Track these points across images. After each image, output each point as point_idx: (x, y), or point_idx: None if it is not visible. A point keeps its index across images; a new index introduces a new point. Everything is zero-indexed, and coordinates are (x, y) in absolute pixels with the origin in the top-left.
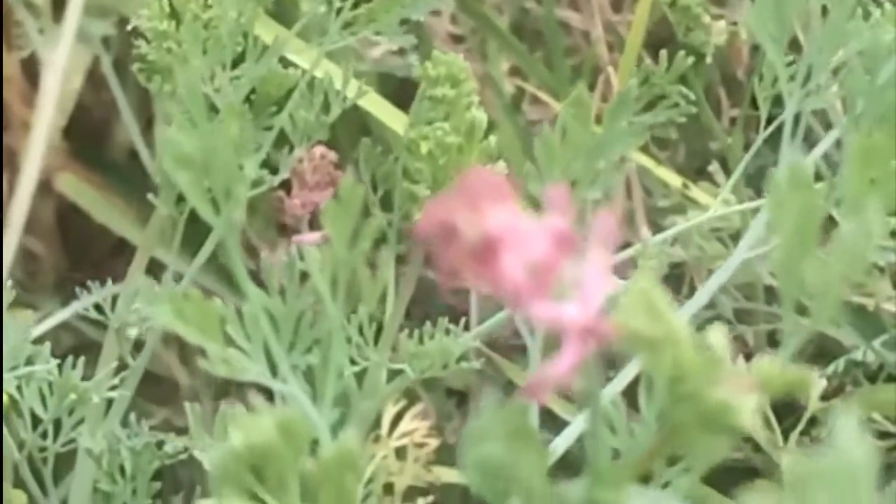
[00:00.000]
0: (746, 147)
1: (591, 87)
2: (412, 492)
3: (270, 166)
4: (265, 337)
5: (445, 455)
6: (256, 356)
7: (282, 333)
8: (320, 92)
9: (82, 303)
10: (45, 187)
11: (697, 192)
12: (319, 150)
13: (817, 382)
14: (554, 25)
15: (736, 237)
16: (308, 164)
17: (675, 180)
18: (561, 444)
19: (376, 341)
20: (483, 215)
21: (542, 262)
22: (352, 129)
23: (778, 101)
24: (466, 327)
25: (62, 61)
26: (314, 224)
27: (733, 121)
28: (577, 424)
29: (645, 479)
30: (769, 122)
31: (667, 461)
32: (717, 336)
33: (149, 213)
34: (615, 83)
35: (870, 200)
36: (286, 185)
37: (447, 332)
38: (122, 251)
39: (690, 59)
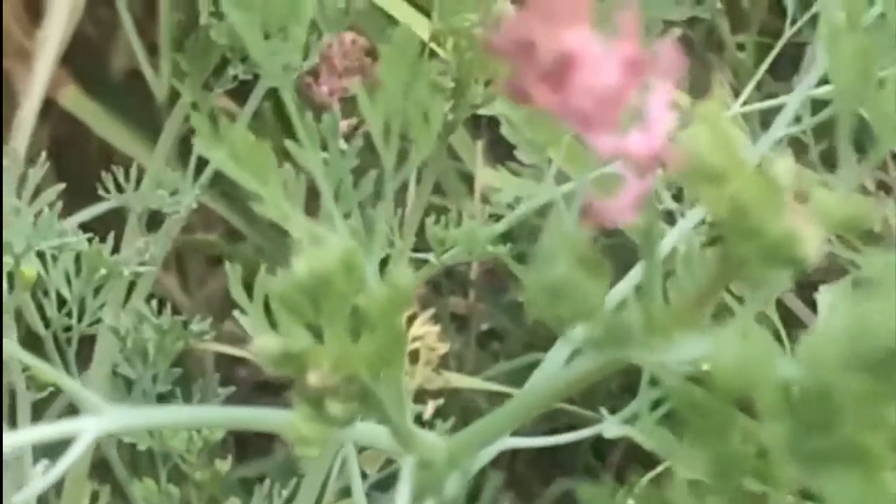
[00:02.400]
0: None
1: None
2: (422, 394)
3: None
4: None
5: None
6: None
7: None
8: None
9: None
10: (41, 112)
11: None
12: (350, 36)
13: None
14: None
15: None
16: (338, 49)
17: (682, 99)
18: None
19: (401, 228)
20: (560, 34)
21: (613, 88)
22: (377, 28)
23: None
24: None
25: None
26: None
27: (741, 46)
28: (628, 281)
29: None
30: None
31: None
32: (783, 166)
33: (149, 132)
34: None
35: None
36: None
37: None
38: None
39: None
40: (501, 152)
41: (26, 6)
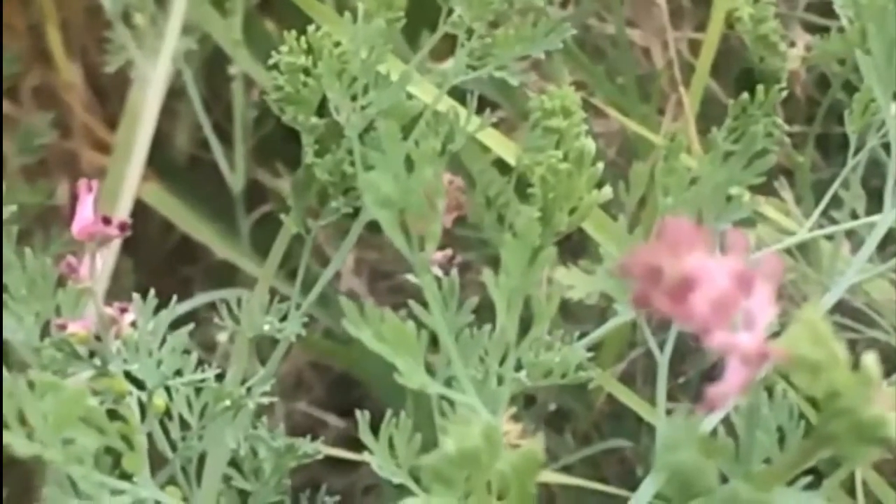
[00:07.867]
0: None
1: (660, 109)
2: None
3: None
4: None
5: None
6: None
7: (443, 347)
8: (445, 123)
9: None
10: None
11: (766, 207)
12: (447, 176)
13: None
14: (625, 43)
15: (801, 248)
16: None
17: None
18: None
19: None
20: (681, 260)
21: (725, 298)
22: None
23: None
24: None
25: (161, 78)
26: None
27: (790, 135)
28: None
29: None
30: (850, 147)
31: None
32: (870, 360)
33: (213, 215)
34: (687, 104)
35: None
36: None
37: (562, 342)
38: (183, 255)
39: (785, 92)
40: (572, 250)
41: (94, 89)
